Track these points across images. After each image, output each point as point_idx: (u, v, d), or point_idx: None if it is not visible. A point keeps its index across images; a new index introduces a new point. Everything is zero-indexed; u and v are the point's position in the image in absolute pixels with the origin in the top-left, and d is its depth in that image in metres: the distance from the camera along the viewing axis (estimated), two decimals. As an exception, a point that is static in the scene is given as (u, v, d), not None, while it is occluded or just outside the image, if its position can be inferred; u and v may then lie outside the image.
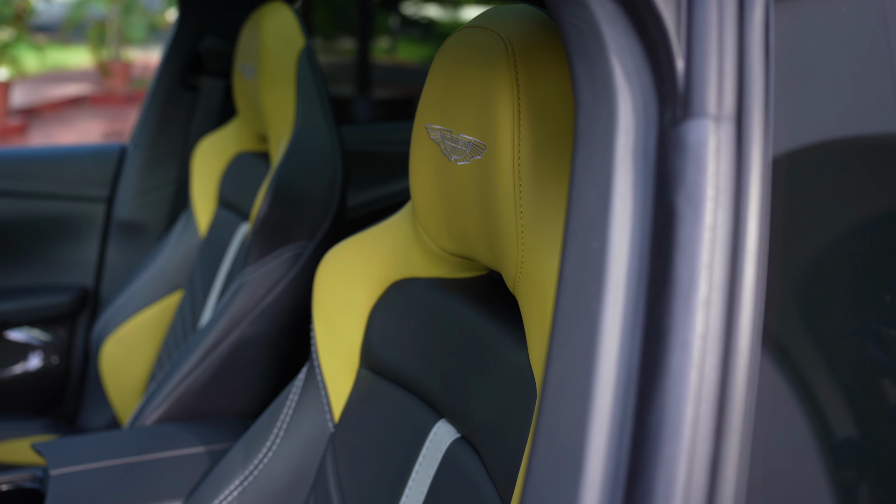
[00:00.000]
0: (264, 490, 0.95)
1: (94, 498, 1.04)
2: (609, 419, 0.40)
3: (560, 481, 0.41)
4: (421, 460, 0.83)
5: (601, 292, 0.42)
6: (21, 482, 1.13)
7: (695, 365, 0.39)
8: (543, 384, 0.44)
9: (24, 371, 1.74)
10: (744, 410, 0.39)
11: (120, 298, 1.64)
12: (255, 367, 1.30)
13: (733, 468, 0.39)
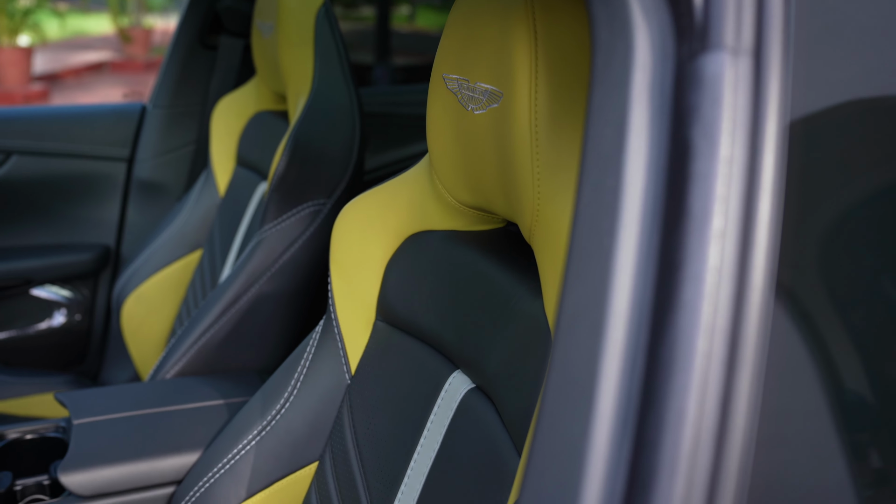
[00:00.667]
0: (282, 440, 0.96)
1: (115, 447, 1.05)
2: (621, 353, 0.40)
3: (572, 415, 0.41)
4: (436, 410, 0.83)
5: (615, 229, 0.42)
6: (45, 432, 1.15)
7: (708, 297, 0.39)
8: (556, 320, 0.44)
9: (48, 328, 1.77)
10: (756, 344, 0.39)
11: (140, 257, 1.66)
12: (272, 322, 1.31)
13: (745, 400, 0.39)
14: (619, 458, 0.39)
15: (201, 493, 0.96)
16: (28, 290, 1.75)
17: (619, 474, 0.39)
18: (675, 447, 0.38)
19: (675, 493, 0.37)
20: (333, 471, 0.93)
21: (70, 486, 1.00)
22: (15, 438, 1.14)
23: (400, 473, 0.85)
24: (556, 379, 0.43)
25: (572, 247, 0.44)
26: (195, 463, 1.02)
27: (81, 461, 1.02)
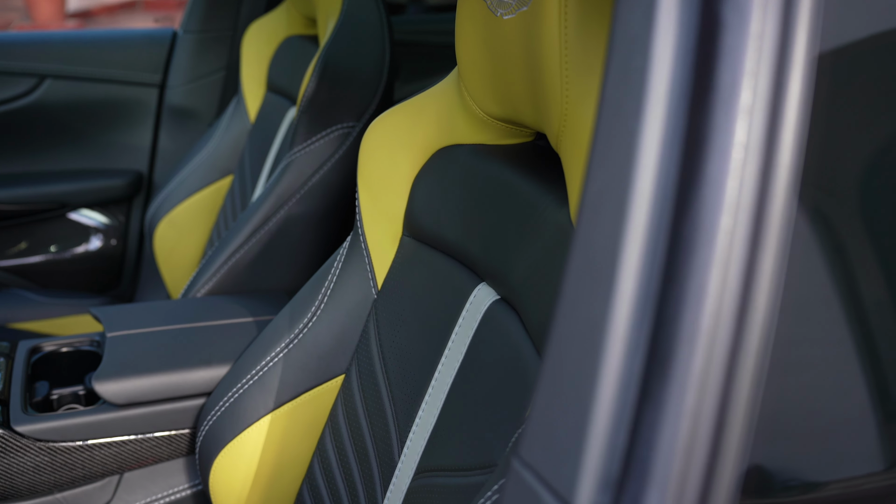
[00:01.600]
0: (308, 352, 0.97)
1: (147, 359, 1.08)
2: (644, 233, 0.40)
3: (592, 296, 0.41)
4: (461, 322, 0.84)
5: (641, 110, 0.41)
6: (80, 345, 1.18)
7: (733, 173, 0.38)
8: (580, 205, 0.43)
9: (85, 251, 1.80)
10: (781, 222, 0.39)
11: (172, 183, 1.67)
12: (301, 244, 1.32)
13: (767, 279, 0.38)
14: (638, 337, 0.39)
15: (230, 404, 0.99)
16: (64, 214, 1.78)
17: (637, 352, 0.39)
18: (694, 322, 0.37)
19: (693, 368, 0.37)
20: (359, 383, 0.94)
21: (104, 395, 1.03)
22: (51, 351, 1.17)
23: (424, 385, 0.86)
24: (577, 261, 0.43)
25: (597, 131, 0.44)
26: (224, 375, 1.04)
27: (115, 371, 1.05)
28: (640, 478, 0.38)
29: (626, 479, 0.39)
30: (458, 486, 0.75)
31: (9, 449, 1.00)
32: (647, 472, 0.38)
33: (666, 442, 0.37)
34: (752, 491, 0.48)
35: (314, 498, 0.96)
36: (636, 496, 0.38)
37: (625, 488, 0.39)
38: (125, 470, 1.08)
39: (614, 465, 0.39)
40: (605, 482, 0.40)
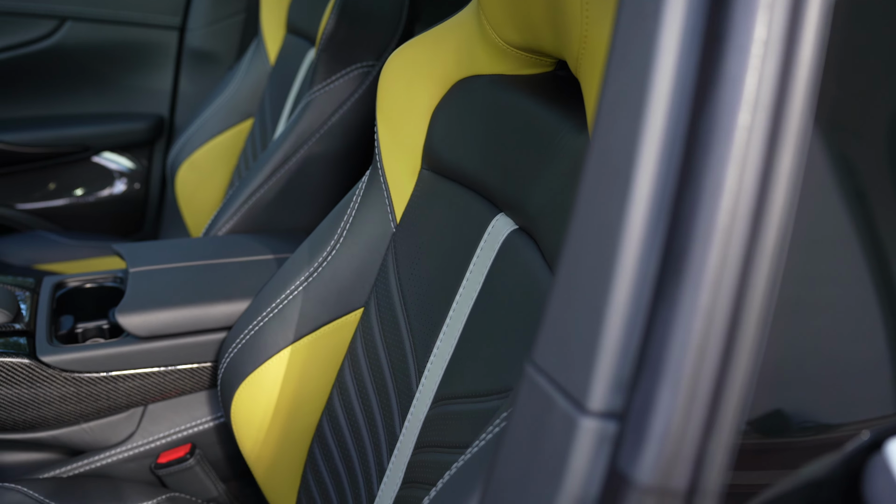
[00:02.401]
0: (327, 286, 0.98)
1: (169, 293, 1.09)
2: (661, 133, 0.39)
3: (608, 199, 0.41)
4: (478, 253, 0.84)
5: (659, 10, 0.40)
6: (103, 281, 1.20)
7: (752, 70, 0.37)
8: (596, 113, 0.43)
9: (109, 195, 1.82)
10: (801, 119, 0.38)
11: (193, 126, 1.67)
12: (321, 183, 1.33)
13: (786, 176, 0.38)
14: (653, 238, 0.39)
15: (251, 337, 1.00)
16: (88, 157, 1.79)
17: (652, 253, 0.39)
18: (709, 221, 0.37)
19: (707, 266, 0.37)
20: (378, 316, 0.95)
21: (127, 327, 1.04)
22: (75, 286, 1.18)
23: (442, 316, 0.86)
24: (593, 166, 0.42)
25: (616, 34, 0.43)
26: (245, 310, 1.05)
27: (138, 304, 1.06)
28: (652, 376, 0.38)
29: (639, 379, 0.39)
30: (474, 412, 0.76)
31: (36, 379, 1.02)
32: (660, 370, 0.38)
33: (679, 340, 0.37)
34: (769, 430, 0.48)
35: (333, 429, 0.98)
36: (648, 395, 0.38)
37: (637, 388, 0.39)
38: (149, 402, 1.10)
39: (627, 366, 0.39)
40: (617, 384, 0.40)
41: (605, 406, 0.40)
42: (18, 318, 1.07)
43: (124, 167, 1.82)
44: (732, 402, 0.38)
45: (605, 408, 0.40)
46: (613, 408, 0.40)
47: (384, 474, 0.89)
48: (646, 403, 0.38)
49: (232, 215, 1.33)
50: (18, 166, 1.74)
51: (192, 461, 1.08)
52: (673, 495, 0.38)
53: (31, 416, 1.04)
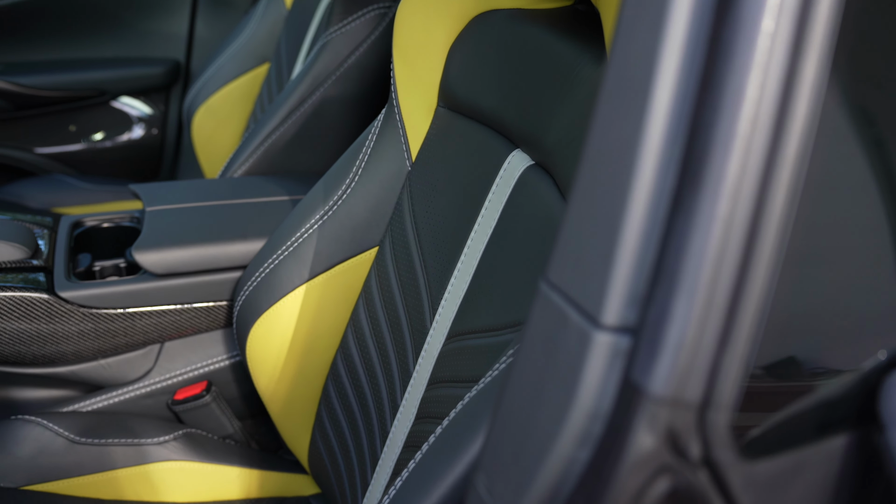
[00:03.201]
0: (343, 224, 0.98)
1: (185, 231, 1.09)
2: (683, 39, 0.38)
3: (626, 113, 0.40)
4: (494, 189, 0.83)
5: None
6: (120, 221, 1.20)
7: (778, -27, 0.36)
8: (616, 26, 0.42)
9: (127, 140, 1.82)
10: (827, 25, 0.37)
11: (209, 70, 1.66)
12: (337, 126, 1.32)
13: (809, 84, 0.37)
14: (672, 149, 0.38)
15: (266, 275, 1.00)
16: (106, 102, 1.79)
17: (671, 165, 0.38)
18: (730, 128, 0.36)
19: (727, 174, 0.36)
20: (392, 254, 0.95)
21: (143, 264, 1.05)
22: (93, 226, 1.19)
23: (456, 253, 0.86)
24: (611, 80, 0.42)
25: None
26: (261, 248, 1.05)
27: (154, 242, 1.07)
28: (667, 288, 0.38)
29: (654, 291, 0.38)
30: (487, 346, 0.76)
31: (54, 314, 1.03)
32: (676, 281, 0.37)
33: (696, 250, 0.37)
34: (781, 375, 0.47)
35: (347, 366, 0.98)
36: (663, 306, 0.38)
37: (652, 301, 0.38)
38: (166, 339, 1.11)
39: (642, 280, 0.39)
40: (632, 298, 0.39)
41: (620, 320, 0.40)
42: (37, 255, 1.08)
43: (142, 112, 1.81)
44: (749, 313, 0.37)
45: (619, 322, 0.40)
46: (627, 322, 0.40)
47: (397, 410, 0.90)
48: (660, 315, 0.38)
49: (248, 157, 1.33)
50: (36, 110, 1.74)
51: (209, 398, 1.09)
52: (686, 406, 0.37)
53: (51, 351, 1.06)
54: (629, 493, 0.38)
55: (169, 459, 1.03)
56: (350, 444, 0.97)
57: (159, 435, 1.04)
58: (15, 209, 1.40)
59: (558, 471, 0.42)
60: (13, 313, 1.01)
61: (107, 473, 1.01)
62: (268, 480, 1.09)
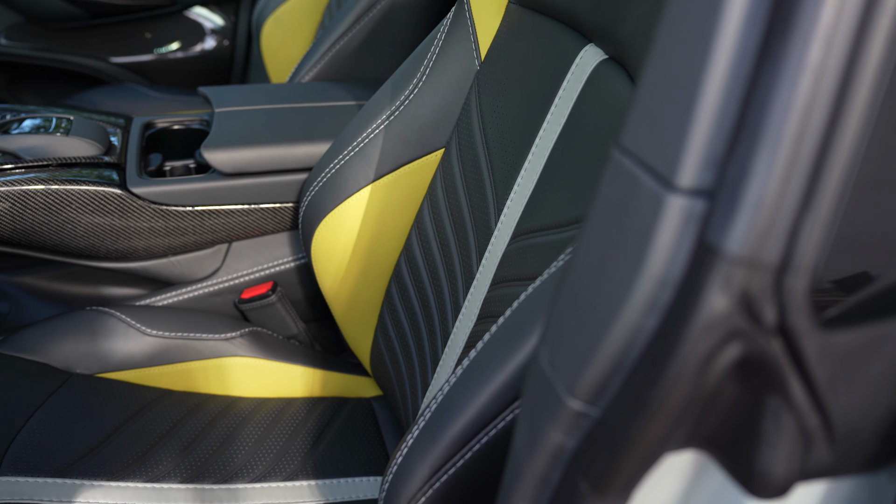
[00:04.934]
0: (409, 124, 0.97)
1: (253, 132, 1.10)
2: None
3: None
4: (565, 85, 0.81)
5: None
6: (190, 123, 1.21)
7: None
8: None
9: (200, 50, 1.83)
10: None
11: (277, -19, 1.65)
12: (404, 32, 1.30)
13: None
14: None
15: (332, 175, 1.00)
16: (178, 12, 1.80)
17: (759, 12, 0.36)
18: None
19: (820, 19, 0.34)
20: (459, 155, 0.94)
21: (212, 162, 1.06)
22: (164, 127, 1.21)
23: (524, 152, 0.84)
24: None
25: None
26: (327, 149, 1.05)
27: (223, 141, 1.07)
28: (749, 143, 0.36)
29: (734, 149, 0.36)
30: (552, 242, 0.75)
31: (126, 210, 1.05)
32: (759, 135, 0.35)
33: (782, 102, 0.35)
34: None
35: (410, 268, 0.98)
36: (744, 162, 0.36)
37: (732, 158, 0.36)
38: (233, 239, 1.12)
39: (721, 139, 0.37)
40: (709, 158, 0.37)
41: (695, 182, 0.38)
42: (110, 153, 1.10)
43: (213, 23, 1.82)
44: (835, 171, 0.35)
45: (694, 184, 0.38)
46: (703, 184, 0.38)
47: (459, 311, 0.90)
48: (740, 172, 0.36)
49: (315, 64, 1.32)
50: (111, 18, 1.76)
51: (274, 297, 1.11)
52: (764, 268, 0.36)
53: (123, 246, 1.08)
54: (698, 357, 0.37)
55: (235, 355, 1.06)
56: (411, 345, 0.98)
57: (227, 331, 1.07)
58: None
59: (624, 340, 0.41)
60: (87, 207, 1.03)
61: (176, 365, 1.04)
62: (330, 381, 1.11)
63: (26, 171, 1.02)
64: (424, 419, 0.66)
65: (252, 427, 1.00)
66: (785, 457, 0.39)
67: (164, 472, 0.91)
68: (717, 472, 0.43)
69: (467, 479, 0.63)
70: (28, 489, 0.85)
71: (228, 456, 0.95)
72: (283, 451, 0.98)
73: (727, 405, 0.40)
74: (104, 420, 0.95)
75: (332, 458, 0.99)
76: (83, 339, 1.03)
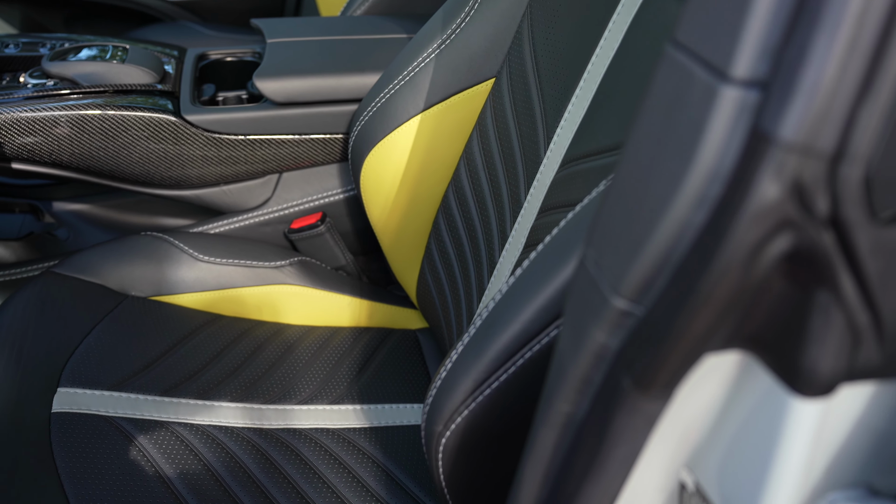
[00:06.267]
0: (460, 53, 0.96)
1: (305, 63, 1.10)
2: None
3: None
4: (619, 9, 0.79)
5: None
6: (243, 55, 1.22)
7: None
8: None
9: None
10: None
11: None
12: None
13: None
14: None
15: (382, 104, 1.00)
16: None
17: None
18: None
19: None
20: (509, 85, 0.93)
21: (264, 91, 1.07)
22: (217, 59, 1.22)
23: (575, 79, 0.84)
24: None
25: None
26: (378, 79, 1.05)
27: (275, 70, 1.08)
28: (807, 26, 0.35)
29: (791, 35, 0.36)
30: (601, 167, 0.74)
31: (180, 137, 1.07)
32: (817, 17, 0.34)
33: (844, -18, 0.34)
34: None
35: (458, 198, 0.99)
36: (802, 46, 0.35)
37: (789, 44, 0.36)
38: (283, 170, 1.14)
39: (778, 27, 0.36)
40: (765, 48, 0.37)
41: (750, 73, 0.37)
42: (165, 81, 1.12)
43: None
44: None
45: (749, 75, 0.37)
46: (758, 74, 0.37)
47: (506, 241, 0.90)
48: (797, 58, 0.35)
49: None
50: (164, -45, 1.77)
51: (323, 228, 1.13)
52: (818, 156, 0.35)
53: (176, 174, 1.10)
54: (747, 247, 0.37)
55: (285, 283, 1.08)
56: (457, 275, 0.98)
57: (277, 260, 1.09)
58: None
59: (671, 235, 0.40)
60: (143, 133, 1.05)
61: (226, 291, 1.06)
62: (376, 311, 1.12)
63: (84, 97, 1.04)
64: (469, 335, 0.67)
65: (299, 353, 1.03)
66: (832, 354, 0.39)
67: (214, 391, 0.94)
68: (760, 375, 0.43)
69: (509, 393, 0.64)
70: (86, 400, 0.88)
71: (276, 379, 0.98)
72: (329, 376, 1.00)
73: (774, 301, 0.39)
74: (157, 340, 0.98)
75: (377, 384, 1.00)
76: (138, 263, 1.05)
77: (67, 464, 0.81)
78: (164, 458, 0.84)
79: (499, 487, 0.66)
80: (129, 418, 0.88)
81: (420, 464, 0.90)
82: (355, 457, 0.90)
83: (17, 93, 1.05)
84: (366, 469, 0.88)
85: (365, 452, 0.90)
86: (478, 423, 0.65)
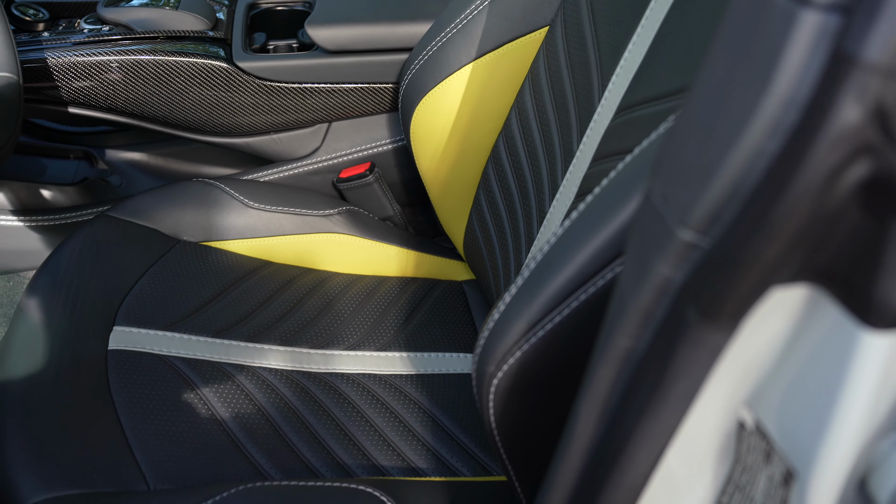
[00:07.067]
0: (514, 1, 0.95)
1: (356, 11, 1.10)
2: None
3: None
4: (681, -47, 0.78)
5: None
6: (294, 5, 1.22)
7: None
8: None
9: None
10: None
11: None
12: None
13: None
14: None
15: (434, 52, 1.00)
16: None
17: None
18: None
19: None
20: (564, 34, 0.92)
21: (315, 38, 1.07)
22: (267, 8, 1.22)
23: (632, 26, 0.82)
24: None
25: None
26: (429, 28, 1.05)
27: (326, 18, 1.08)
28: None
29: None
30: (659, 112, 0.73)
31: (232, 84, 1.08)
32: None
33: None
34: None
35: (509, 148, 0.98)
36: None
37: None
38: (333, 119, 1.14)
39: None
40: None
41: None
42: (217, 28, 1.12)
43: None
44: None
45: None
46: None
47: (557, 190, 0.89)
48: (885, -23, 0.34)
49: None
50: None
51: (371, 178, 1.13)
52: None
53: (228, 121, 1.11)
54: (823, 174, 0.36)
55: (333, 231, 1.08)
56: (506, 225, 0.98)
57: (325, 208, 1.09)
58: None
59: (743, 165, 0.40)
60: (195, 79, 1.06)
61: (276, 238, 1.07)
62: (423, 262, 1.13)
63: (137, 42, 1.05)
64: (523, 277, 0.67)
65: (346, 300, 1.04)
66: (906, 286, 0.38)
67: (263, 335, 0.95)
68: (828, 309, 0.42)
69: (563, 335, 0.64)
70: (140, 339, 0.90)
71: (324, 325, 0.99)
72: (375, 324, 1.01)
73: (848, 231, 0.39)
74: (208, 284, 1.00)
75: (423, 333, 1.01)
76: (190, 209, 1.07)
77: (123, 398, 0.83)
78: (215, 396, 0.86)
79: (550, 429, 0.66)
80: (182, 357, 0.89)
81: (465, 411, 0.91)
82: (401, 402, 0.91)
83: (72, 38, 1.06)
84: (412, 414, 0.89)
85: (411, 398, 0.91)
86: (530, 365, 0.65)
